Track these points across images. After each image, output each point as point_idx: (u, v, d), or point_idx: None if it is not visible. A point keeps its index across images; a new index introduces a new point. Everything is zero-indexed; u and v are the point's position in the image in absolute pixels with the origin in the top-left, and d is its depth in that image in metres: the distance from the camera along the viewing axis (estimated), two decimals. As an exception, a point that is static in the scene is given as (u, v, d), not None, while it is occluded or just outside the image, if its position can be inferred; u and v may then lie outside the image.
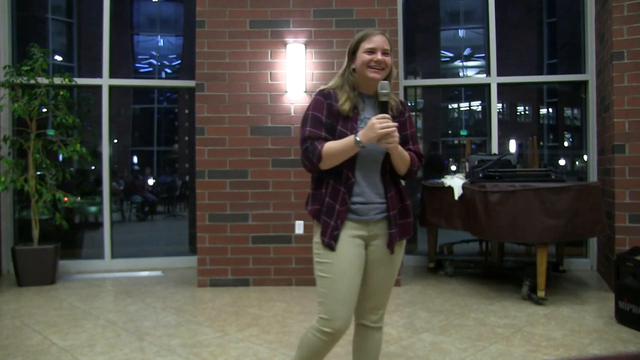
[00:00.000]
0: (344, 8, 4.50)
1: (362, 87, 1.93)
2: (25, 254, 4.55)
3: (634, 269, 3.21)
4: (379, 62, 1.87)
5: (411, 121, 2.01)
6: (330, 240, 1.85)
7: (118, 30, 5.70)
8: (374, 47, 1.87)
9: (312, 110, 1.88)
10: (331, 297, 1.85)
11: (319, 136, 1.84)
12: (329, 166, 1.84)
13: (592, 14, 4.96)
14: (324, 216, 1.86)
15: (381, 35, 1.91)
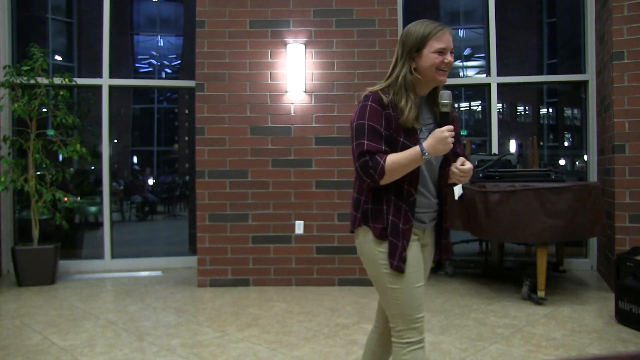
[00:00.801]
0: (344, 8, 4.50)
1: (420, 90, 1.75)
2: (25, 254, 4.55)
3: (634, 269, 3.21)
4: (449, 64, 1.69)
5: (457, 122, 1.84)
6: (399, 262, 1.69)
7: (118, 30, 5.70)
8: (445, 47, 1.67)
9: (369, 121, 1.70)
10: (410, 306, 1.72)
11: (379, 150, 1.67)
12: (391, 181, 1.68)
13: (592, 14, 4.96)
14: (391, 237, 1.70)
15: (449, 32, 1.70)
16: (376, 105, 1.70)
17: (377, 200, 1.75)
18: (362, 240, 1.79)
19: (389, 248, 1.70)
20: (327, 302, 3.94)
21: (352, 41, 4.50)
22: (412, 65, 1.71)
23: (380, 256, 1.73)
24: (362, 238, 1.80)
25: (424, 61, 1.69)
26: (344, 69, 4.50)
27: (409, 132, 1.69)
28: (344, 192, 4.48)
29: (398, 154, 1.66)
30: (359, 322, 3.44)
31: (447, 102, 1.69)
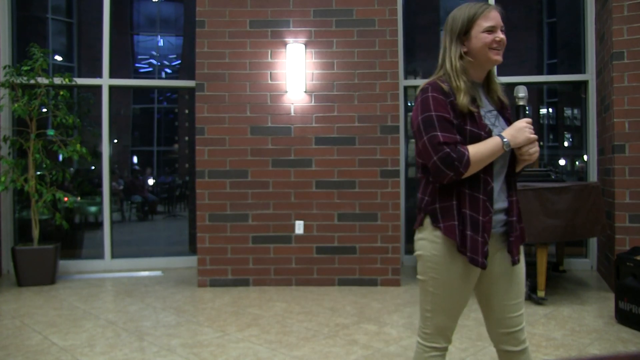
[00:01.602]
0: (344, 8, 4.50)
1: (476, 75, 1.67)
2: (25, 254, 4.55)
3: (634, 269, 3.21)
4: (502, 42, 1.61)
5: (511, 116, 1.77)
6: (483, 259, 1.60)
7: (118, 30, 5.70)
8: (494, 24, 1.60)
9: (436, 112, 1.57)
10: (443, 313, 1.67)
11: (455, 140, 1.56)
12: (471, 174, 1.59)
13: (592, 14, 4.96)
14: (470, 232, 1.59)
15: (496, 10, 1.63)
16: (439, 95, 1.59)
17: (446, 197, 1.62)
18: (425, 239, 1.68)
19: (470, 244, 1.59)
20: (327, 302, 3.94)
21: (352, 41, 4.50)
22: (462, 49, 1.63)
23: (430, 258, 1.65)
24: (424, 236, 1.68)
25: (474, 43, 1.61)
26: (344, 69, 4.50)
27: (472, 119, 1.61)
28: (344, 192, 4.48)
29: (479, 144, 1.58)
30: (359, 322, 3.44)
31: (523, 95, 1.68)
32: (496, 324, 1.72)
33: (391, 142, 4.47)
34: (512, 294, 1.70)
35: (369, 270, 4.46)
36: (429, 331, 1.69)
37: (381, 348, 2.94)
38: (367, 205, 4.46)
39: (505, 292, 1.70)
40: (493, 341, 1.76)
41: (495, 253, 1.68)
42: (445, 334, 1.69)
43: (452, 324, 1.70)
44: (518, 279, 1.71)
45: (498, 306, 1.70)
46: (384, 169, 4.47)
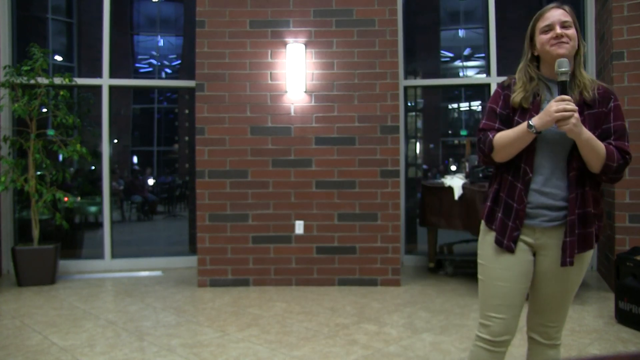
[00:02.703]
0: (344, 8, 4.50)
1: (548, 73, 1.72)
2: (25, 254, 4.55)
3: (634, 269, 3.21)
4: (559, 35, 1.65)
5: (619, 113, 1.69)
6: (510, 242, 1.69)
7: (118, 30, 5.70)
8: (549, 23, 1.68)
9: (489, 103, 1.79)
10: (486, 302, 1.75)
11: (492, 127, 1.73)
12: (505, 158, 1.70)
13: (592, 14, 4.96)
14: (502, 215, 1.71)
15: (556, 8, 1.70)
16: (498, 88, 1.80)
17: (492, 183, 1.79)
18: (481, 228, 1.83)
19: (499, 227, 1.72)
20: (327, 302, 3.94)
21: (352, 41, 4.50)
22: (533, 52, 1.76)
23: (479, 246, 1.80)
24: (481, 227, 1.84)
25: (539, 45, 1.72)
26: (344, 69, 4.50)
27: (523, 112, 1.70)
28: (344, 192, 4.48)
29: (507, 130, 1.69)
30: (359, 322, 3.44)
31: (563, 69, 1.60)
32: (534, 312, 1.80)
33: (391, 142, 4.47)
34: (557, 293, 1.74)
35: (369, 270, 4.46)
36: (480, 320, 1.78)
37: (381, 348, 2.94)
38: (367, 205, 4.46)
39: (551, 289, 1.74)
40: (527, 326, 1.84)
41: (549, 248, 1.70)
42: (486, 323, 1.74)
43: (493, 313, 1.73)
44: (568, 282, 1.72)
45: (540, 298, 1.77)
46: (384, 169, 4.47)
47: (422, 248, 5.51)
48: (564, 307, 1.76)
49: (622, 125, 1.69)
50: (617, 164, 1.63)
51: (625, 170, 1.67)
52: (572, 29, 1.68)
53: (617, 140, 1.66)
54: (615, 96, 1.71)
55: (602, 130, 1.67)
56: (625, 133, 1.69)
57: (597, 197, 1.70)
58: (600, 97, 1.69)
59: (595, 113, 1.68)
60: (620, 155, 1.64)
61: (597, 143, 1.61)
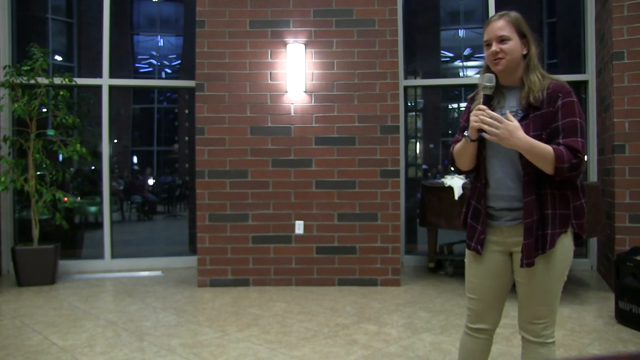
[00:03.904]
0: (344, 8, 4.50)
1: (502, 80, 1.78)
2: (25, 254, 4.55)
3: (634, 269, 3.21)
4: (494, 53, 1.72)
5: (568, 110, 1.68)
6: (477, 244, 1.82)
7: (118, 30, 5.70)
8: (487, 38, 1.75)
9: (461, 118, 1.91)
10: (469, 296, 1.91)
11: (456, 140, 1.86)
12: (466, 166, 1.85)
13: (592, 14, 4.96)
14: (471, 220, 1.86)
15: (496, 20, 1.74)
16: (468, 102, 1.90)
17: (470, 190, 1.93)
18: None
19: (468, 230, 1.86)
20: (327, 302, 3.94)
21: (352, 41, 4.50)
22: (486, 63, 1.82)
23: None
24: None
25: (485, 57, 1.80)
26: (344, 69, 4.50)
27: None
28: (344, 192, 4.48)
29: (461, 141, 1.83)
30: (359, 322, 3.44)
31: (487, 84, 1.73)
32: (520, 310, 1.85)
33: (391, 142, 4.47)
34: (534, 288, 1.78)
35: (369, 270, 4.46)
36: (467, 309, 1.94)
37: (381, 348, 2.94)
38: (367, 205, 4.46)
39: (527, 284, 1.79)
40: (518, 324, 1.88)
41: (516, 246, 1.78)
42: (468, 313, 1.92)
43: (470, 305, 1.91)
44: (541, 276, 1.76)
45: (521, 295, 1.82)
46: (384, 169, 4.47)
47: (422, 248, 5.51)
48: (546, 304, 1.78)
49: (572, 122, 1.67)
50: (569, 164, 1.62)
51: (581, 167, 1.66)
52: (510, 41, 1.71)
53: (566, 138, 1.66)
54: (566, 93, 1.69)
55: (550, 129, 1.68)
56: (577, 129, 1.66)
57: (564, 197, 1.71)
58: (548, 97, 1.69)
59: (541, 114, 1.69)
60: (571, 154, 1.63)
61: (542, 149, 1.63)
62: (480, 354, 1.93)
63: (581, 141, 1.66)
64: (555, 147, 1.63)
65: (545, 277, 1.76)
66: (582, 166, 1.65)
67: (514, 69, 1.74)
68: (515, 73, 1.75)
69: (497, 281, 1.84)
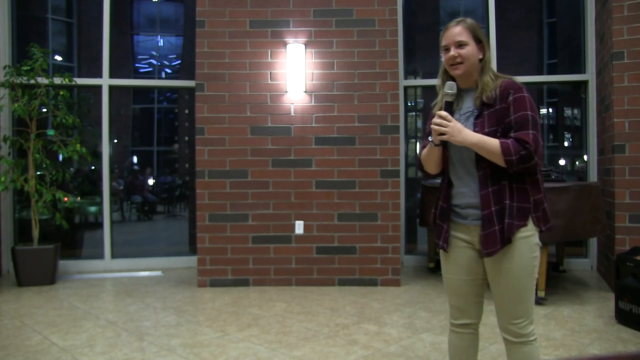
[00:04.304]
0: (344, 8, 4.50)
1: (459, 83, 1.86)
2: (25, 254, 4.55)
3: (634, 269, 3.21)
4: (452, 58, 1.80)
5: (519, 105, 1.74)
6: (443, 243, 1.90)
7: (118, 30, 5.69)
8: (446, 44, 1.82)
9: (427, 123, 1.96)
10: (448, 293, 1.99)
11: (424, 145, 1.92)
12: (433, 169, 1.92)
13: (592, 14, 4.96)
14: (438, 219, 1.93)
15: (454, 26, 1.81)
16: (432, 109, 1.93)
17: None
18: None
19: (436, 230, 1.94)
20: (327, 302, 3.94)
21: (352, 41, 4.50)
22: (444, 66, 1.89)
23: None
24: None
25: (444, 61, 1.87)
26: (344, 69, 4.50)
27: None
28: (344, 192, 4.48)
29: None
30: (359, 322, 3.44)
31: (447, 92, 1.81)
32: (497, 313, 1.88)
33: (391, 142, 4.47)
34: (504, 286, 1.81)
35: (369, 270, 4.46)
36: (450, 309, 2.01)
37: (381, 348, 2.94)
38: (367, 205, 4.46)
39: (497, 283, 1.83)
40: (499, 327, 1.91)
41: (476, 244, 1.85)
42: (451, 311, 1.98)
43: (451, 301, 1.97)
44: (508, 272, 1.78)
45: (495, 295, 1.86)
46: (384, 169, 4.47)
47: (422, 248, 5.51)
48: (520, 302, 1.79)
49: (524, 116, 1.73)
50: (518, 156, 1.68)
51: (533, 158, 1.69)
52: (468, 46, 1.79)
53: (518, 131, 1.72)
54: (517, 89, 1.76)
55: (504, 124, 1.75)
56: (529, 122, 1.72)
57: (523, 190, 1.75)
58: (500, 94, 1.77)
59: (495, 110, 1.77)
60: (520, 146, 1.68)
61: (489, 143, 1.71)
62: (468, 349, 1.99)
63: (532, 133, 1.70)
64: (502, 141, 1.70)
65: (512, 273, 1.78)
66: (533, 158, 1.70)
67: (471, 72, 1.83)
68: (471, 76, 1.84)
69: (471, 276, 1.90)
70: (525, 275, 1.79)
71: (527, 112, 1.73)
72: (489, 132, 1.75)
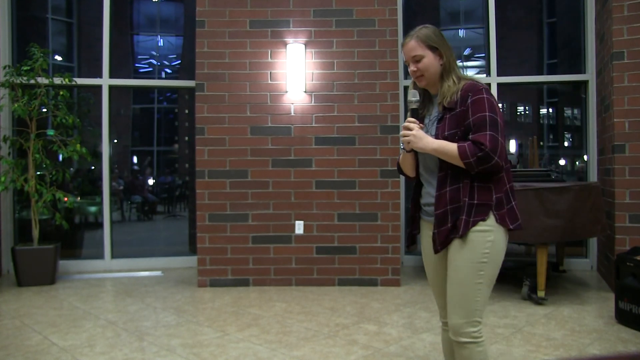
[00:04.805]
0: (344, 8, 4.50)
1: (430, 89, 1.96)
2: (25, 254, 4.55)
3: (634, 269, 3.21)
4: (413, 72, 1.89)
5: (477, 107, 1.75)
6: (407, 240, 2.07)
7: (118, 30, 5.69)
8: (405, 59, 1.92)
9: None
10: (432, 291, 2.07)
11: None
12: (409, 173, 2.02)
13: (592, 14, 4.96)
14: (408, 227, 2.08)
15: (408, 42, 1.88)
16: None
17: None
18: None
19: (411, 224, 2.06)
20: (327, 302, 3.94)
21: (352, 41, 4.50)
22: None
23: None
24: None
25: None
26: (344, 69, 4.50)
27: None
28: (344, 192, 4.48)
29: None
30: (359, 322, 3.44)
31: (411, 99, 1.91)
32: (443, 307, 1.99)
33: (391, 142, 4.47)
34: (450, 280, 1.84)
35: (369, 270, 4.46)
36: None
37: (381, 348, 2.94)
38: (367, 205, 4.46)
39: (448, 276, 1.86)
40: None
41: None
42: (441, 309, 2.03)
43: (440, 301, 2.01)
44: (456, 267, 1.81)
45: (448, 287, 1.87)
46: (384, 169, 4.47)
47: (422, 248, 5.50)
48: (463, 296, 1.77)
49: (482, 117, 1.74)
50: (475, 158, 1.70)
51: (492, 159, 1.70)
52: (424, 58, 1.84)
53: (476, 133, 1.73)
54: (476, 91, 1.78)
55: (464, 127, 1.77)
56: (486, 123, 1.73)
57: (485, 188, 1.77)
58: (461, 97, 1.80)
59: (455, 114, 1.81)
60: (476, 148, 1.70)
61: (448, 148, 1.76)
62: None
63: (489, 134, 1.71)
64: (459, 145, 1.74)
65: (459, 267, 1.79)
66: (492, 158, 1.70)
67: (436, 80, 1.89)
68: (438, 83, 1.90)
69: (443, 273, 1.93)
70: (472, 272, 1.76)
71: (485, 114, 1.73)
72: (448, 135, 1.79)
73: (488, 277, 1.79)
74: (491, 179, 1.77)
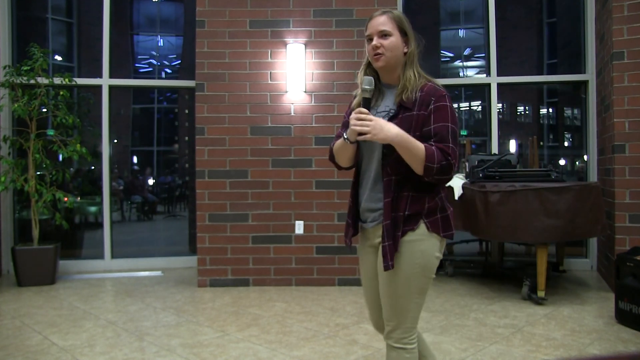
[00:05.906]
0: (344, 8, 4.50)
1: (382, 78, 1.78)
2: (25, 254, 4.55)
3: (634, 269, 3.21)
4: (375, 48, 1.70)
5: (440, 115, 1.65)
6: (348, 239, 1.86)
7: (118, 30, 5.69)
8: (369, 33, 1.72)
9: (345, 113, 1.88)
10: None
11: (339, 135, 1.81)
12: (344, 163, 1.85)
13: (592, 14, 4.96)
14: (347, 217, 1.88)
15: (379, 15, 1.71)
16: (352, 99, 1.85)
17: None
18: None
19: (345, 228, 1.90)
20: (327, 302, 3.94)
21: (352, 41, 4.50)
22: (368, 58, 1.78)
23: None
24: None
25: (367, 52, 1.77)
26: (344, 69, 4.50)
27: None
28: (343, 192, 4.48)
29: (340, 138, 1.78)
30: (359, 322, 3.44)
31: (366, 87, 1.68)
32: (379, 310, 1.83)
33: (391, 142, 4.46)
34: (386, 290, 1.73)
35: (369, 270, 4.45)
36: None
37: (381, 348, 2.94)
38: (367, 205, 4.45)
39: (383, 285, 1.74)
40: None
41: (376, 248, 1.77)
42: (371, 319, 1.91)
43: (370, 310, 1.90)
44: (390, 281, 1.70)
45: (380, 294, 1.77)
46: (384, 169, 4.46)
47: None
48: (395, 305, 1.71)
49: (444, 128, 1.64)
50: (439, 165, 1.60)
51: (451, 171, 1.62)
52: (392, 37, 1.69)
53: (438, 142, 1.63)
54: (439, 97, 1.66)
55: (422, 132, 1.65)
56: (448, 135, 1.64)
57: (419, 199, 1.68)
58: (420, 99, 1.67)
59: (411, 115, 1.67)
60: (442, 156, 1.60)
61: (414, 145, 1.60)
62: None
63: (452, 147, 1.63)
64: (427, 146, 1.61)
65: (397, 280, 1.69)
66: (451, 171, 1.63)
67: (394, 66, 1.73)
68: (395, 71, 1.74)
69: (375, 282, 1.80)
70: (403, 282, 1.69)
71: (448, 125, 1.65)
72: None
73: (419, 286, 1.71)
74: (426, 190, 1.68)
